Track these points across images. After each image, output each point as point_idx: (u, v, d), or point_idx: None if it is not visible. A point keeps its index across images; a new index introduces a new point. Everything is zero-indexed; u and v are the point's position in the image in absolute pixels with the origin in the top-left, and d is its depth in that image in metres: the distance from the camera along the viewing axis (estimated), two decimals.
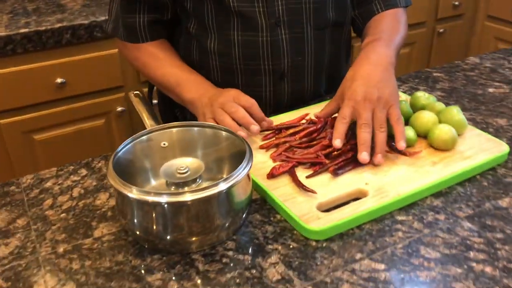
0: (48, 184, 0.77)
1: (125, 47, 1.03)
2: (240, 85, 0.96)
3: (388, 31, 0.96)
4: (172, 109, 1.13)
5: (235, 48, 0.94)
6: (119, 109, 1.61)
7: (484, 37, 2.26)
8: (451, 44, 2.29)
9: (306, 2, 0.93)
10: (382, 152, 0.75)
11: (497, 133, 0.87)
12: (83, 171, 0.80)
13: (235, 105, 0.81)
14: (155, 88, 1.19)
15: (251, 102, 0.82)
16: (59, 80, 1.49)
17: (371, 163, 0.76)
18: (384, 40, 0.92)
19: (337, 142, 0.76)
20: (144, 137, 0.71)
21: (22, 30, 1.40)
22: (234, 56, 0.95)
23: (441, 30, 2.21)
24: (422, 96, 0.89)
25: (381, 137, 0.75)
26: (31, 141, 1.54)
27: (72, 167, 0.81)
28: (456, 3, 2.18)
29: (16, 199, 0.74)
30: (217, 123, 0.79)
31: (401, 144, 0.75)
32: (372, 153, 0.75)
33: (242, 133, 0.76)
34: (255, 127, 0.79)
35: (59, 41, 1.46)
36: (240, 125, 0.80)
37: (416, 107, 0.88)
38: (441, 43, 2.26)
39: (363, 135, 0.75)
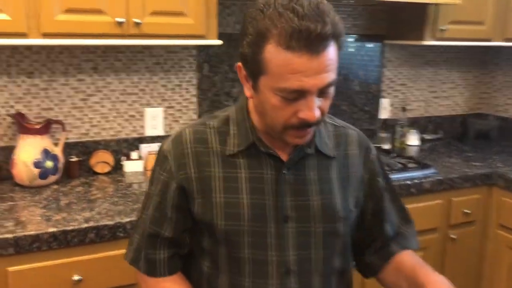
0: None
1: (142, 279, 1.09)
2: None
3: (422, 263, 1.07)
4: None
5: None
6: None
7: (497, 245, 2.28)
8: (465, 250, 2.31)
9: (315, 251, 1.02)
10: None
11: None
12: None
13: None
14: None
15: None
16: (76, 278, 1.53)
17: None
18: (429, 268, 1.04)
19: None
20: None
21: (50, 229, 1.50)
22: None
23: (453, 236, 2.25)
24: None
25: None
26: None
27: None
28: (468, 210, 2.25)
29: None
30: None
31: None
32: None
33: None
34: None
35: (83, 240, 1.54)
36: None
37: None
38: (455, 249, 2.28)
39: None
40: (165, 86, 2.18)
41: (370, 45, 2.61)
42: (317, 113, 0.91)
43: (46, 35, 1.65)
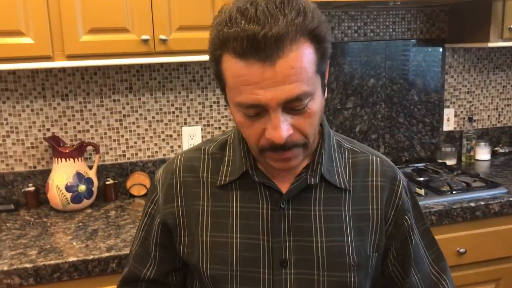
0: None
1: None
2: None
3: None
4: None
5: None
6: None
7: None
8: None
9: None
10: None
11: None
12: None
13: None
14: None
15: None
16: None
17: None
18: None
19: None
20: None
21: (71, 259, 1.44)
22: None
23: None
24: None
25: None
26: None
27: None
28: None
29: None
30: None
31: None
32: None
33: None
34: None
35: (104, 269, 1.46)
36: None
37: None
38: None
39: None
40: (202, 103, 2.09)
41: (429, 50, 2.36)
42: (284, 133, 0.74)
43: (71, 57, 1.62)
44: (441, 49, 2.37)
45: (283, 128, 0.74)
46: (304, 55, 0.72)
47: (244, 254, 0.84)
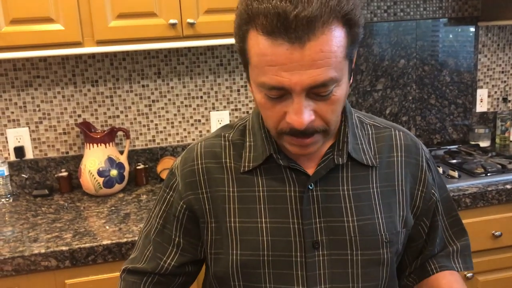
0: None
1: None
2: None
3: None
4: None
5: None
6: None
7: None
8: None
9: (355, 285, 0.83)
10: None
11: None
12: None
13: None
14: None
15: None
16: None
17: None
18: None
19: None
20: None
21: (105, 242, 1.46)
22: None
23: None
24: None
25: None
26: None
27: None
28: None
29: None
30: None
31: None
32: None
33: None
34: None
35: None
36: None
37: None
38: None
39: None
40: (230, 87, 2.08)
41: (461, 29, 2.29)
42: (306, 118, 0.72)
43: (100, 43, 1.63)
44: (473, 28, 2.30)
45: (305, 113, 0.72)
46: (335, 39, 0.69)
47: (275, 238, 0.83)
